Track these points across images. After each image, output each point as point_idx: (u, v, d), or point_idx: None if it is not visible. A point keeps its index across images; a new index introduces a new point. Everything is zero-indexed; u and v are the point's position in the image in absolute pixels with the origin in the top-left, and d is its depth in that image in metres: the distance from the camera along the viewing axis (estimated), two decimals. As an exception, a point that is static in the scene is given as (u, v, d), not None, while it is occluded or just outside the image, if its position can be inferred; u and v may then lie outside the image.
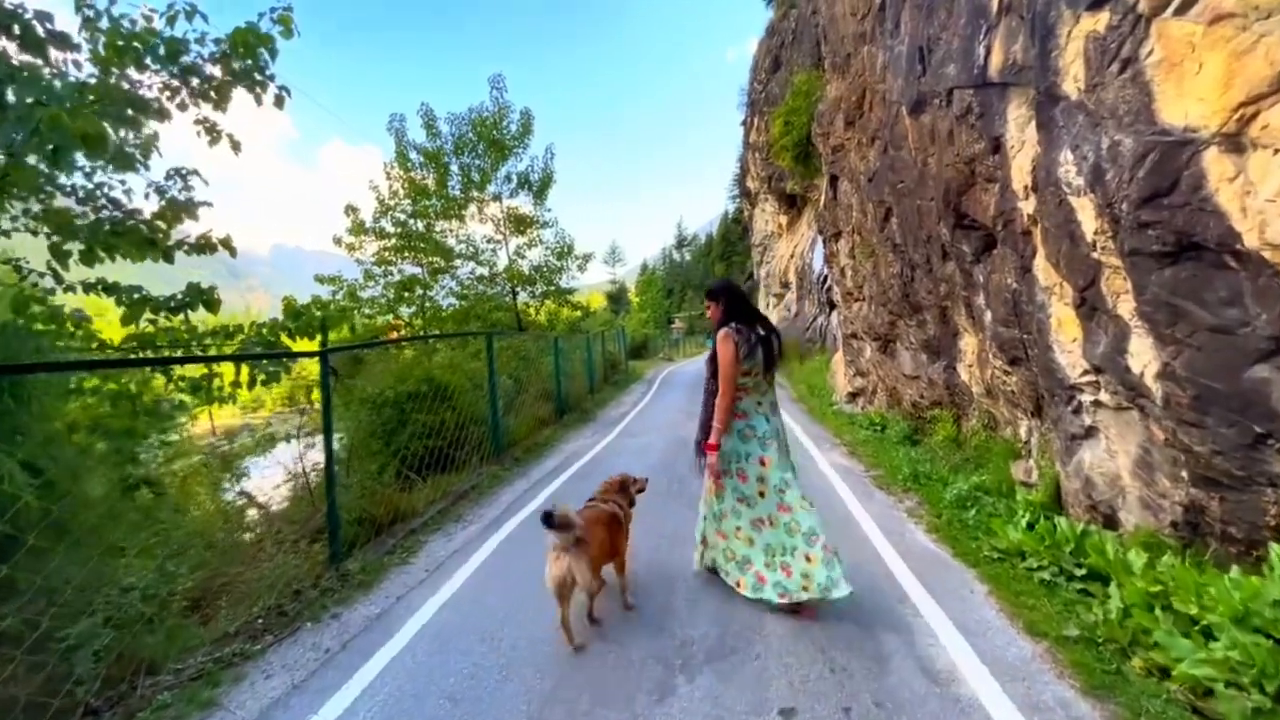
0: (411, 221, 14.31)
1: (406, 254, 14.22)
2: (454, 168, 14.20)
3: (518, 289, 14.64)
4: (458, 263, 14.56)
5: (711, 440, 2.91)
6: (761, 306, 43.09)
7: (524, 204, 14.80)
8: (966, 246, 4.86)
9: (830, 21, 10.96)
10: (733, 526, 3.02)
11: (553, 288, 15.23)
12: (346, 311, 13.00)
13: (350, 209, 14.06)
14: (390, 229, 13.77)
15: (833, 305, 17.93)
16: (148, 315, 4.26)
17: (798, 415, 9.24)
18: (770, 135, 23.93)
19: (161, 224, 4.55)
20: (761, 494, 2.92)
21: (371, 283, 13.96)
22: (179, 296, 4.48)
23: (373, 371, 7.38)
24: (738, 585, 3.03)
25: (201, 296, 4.48)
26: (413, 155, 14.23)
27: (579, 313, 15.68)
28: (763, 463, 2.91)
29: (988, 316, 4.71)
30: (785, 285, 30.05)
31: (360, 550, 3.91)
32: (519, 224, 14.68)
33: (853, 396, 9.75)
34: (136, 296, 4.50)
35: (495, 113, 13.72)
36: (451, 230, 14.64)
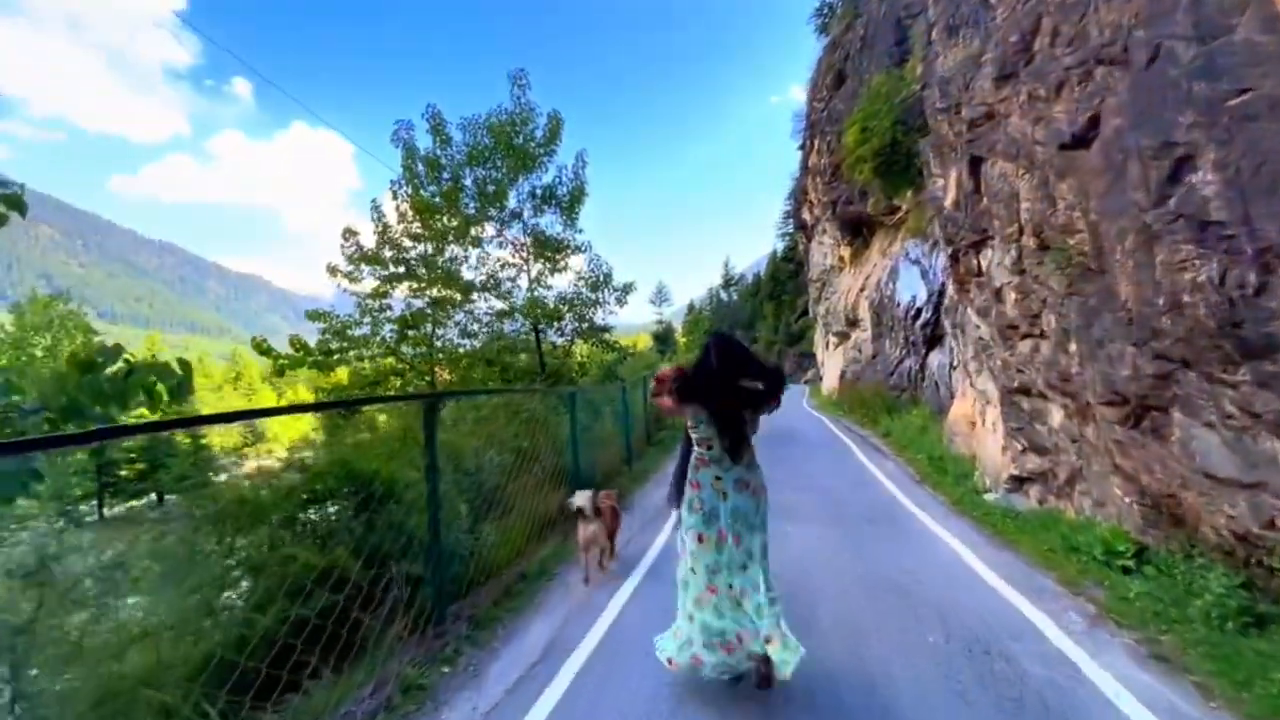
0: (417, 246, 11.97)
1: (412, 284, 11.84)
2: (468, 181, 11.80)
3: (541, 325, 11.94)
4: (473, 296, 12.07)
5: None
6: (819, 348, 39.68)
7: (551, 224, 12.25)
8: None
9: (952, -38, 8.16)
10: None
11: (585, 324, 12.47)
12: (320, 356, 10.57)
13: (348, 232, 11.83)
14: (387, 254, 11.42)
15: (931, 344, 14.51)
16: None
17: (945, 516, 5.94)
18: (842, 149, 21.06)
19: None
20: (693, 570, 2.72)
21: (368, 319, 11.58)
22: None
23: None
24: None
25: None
26: (423, 170, 11.98)
27: (614, 354, 12.77)
28: (699, 539, 2.71)
29: None
30: (852, 322, 26.63)
31: None
32: (543, 248, 12.09)
33: (1019, 482, 6.40)
34: None
35: (517, 114, 11.31)
36: (465, 257, 12.21)
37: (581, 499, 4.34)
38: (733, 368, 2.62)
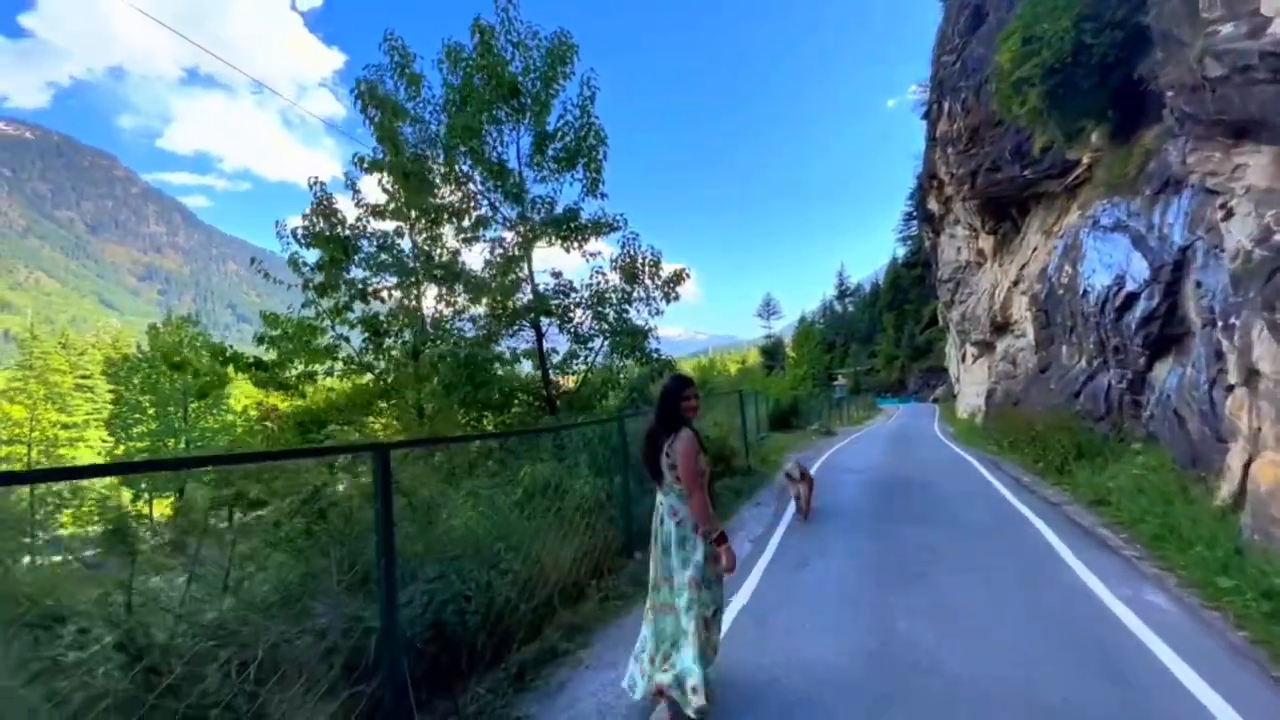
0: (404, 234, 9.13)
1: (401, 279, 9.00)
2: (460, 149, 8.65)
3: (542, 323, 8.50)
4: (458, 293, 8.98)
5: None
6: (951, 361, 32.93)
7: (558, 189, 8.86)
8: None
9: None
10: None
11: (609, 324, 8.86)
12: (256, 371, 7.52)
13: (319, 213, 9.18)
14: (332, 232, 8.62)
15: (1157, 349, 9.27)
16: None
17: None
18: (980, 108, 15.92)
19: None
20: (656, 586, 2.94)
21: (325, 321, 8.81)
22: None
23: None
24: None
25: None
26: (407, 130, 9.11)
27: (647, 366, 8.89)
28: (653, 555, 2.97)
29: None
30: (1000, 327, 20.80)
31: None
32: (554, 225, 8.71)
33: None
34: None
35: (508, 34, 8.04)
36: (449, 239, 9.19)
37: (790, 466, 7.24)
38: (666, 406, 2.94)
